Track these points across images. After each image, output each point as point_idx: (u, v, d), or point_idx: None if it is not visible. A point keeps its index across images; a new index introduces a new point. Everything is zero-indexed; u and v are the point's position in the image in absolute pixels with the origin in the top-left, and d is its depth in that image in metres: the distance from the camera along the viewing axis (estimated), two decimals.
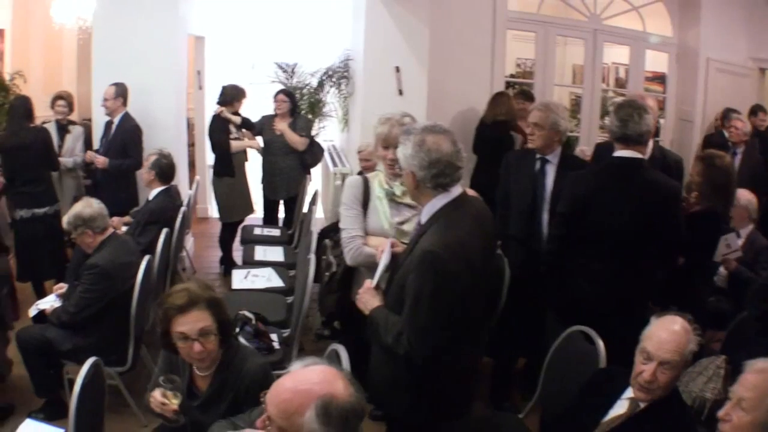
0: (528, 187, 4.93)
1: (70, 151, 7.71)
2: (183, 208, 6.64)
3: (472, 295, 3.16)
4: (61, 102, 7.75)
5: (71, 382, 4.78)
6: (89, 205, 4.91)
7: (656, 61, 10.13)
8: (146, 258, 5.06)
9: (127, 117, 7.17)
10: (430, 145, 3.02)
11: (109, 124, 7.27)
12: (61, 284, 5.39)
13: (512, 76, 9.99)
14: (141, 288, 4.93)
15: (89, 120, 7.89)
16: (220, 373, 3.14)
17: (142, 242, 5.77)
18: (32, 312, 5.24)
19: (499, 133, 7.74)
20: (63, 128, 7.71)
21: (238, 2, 10.56)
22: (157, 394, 3.03)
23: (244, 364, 3.15)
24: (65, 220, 5.00)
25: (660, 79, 10.40)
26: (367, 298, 3.35)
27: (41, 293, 6.74)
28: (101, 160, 7.02)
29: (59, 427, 3.66)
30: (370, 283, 3.39)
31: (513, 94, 8.68)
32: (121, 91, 7.05)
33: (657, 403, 2.96)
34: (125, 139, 7.09)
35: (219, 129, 7.74)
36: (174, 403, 3.00)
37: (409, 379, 3.19)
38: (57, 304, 5.11)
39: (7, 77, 10.04)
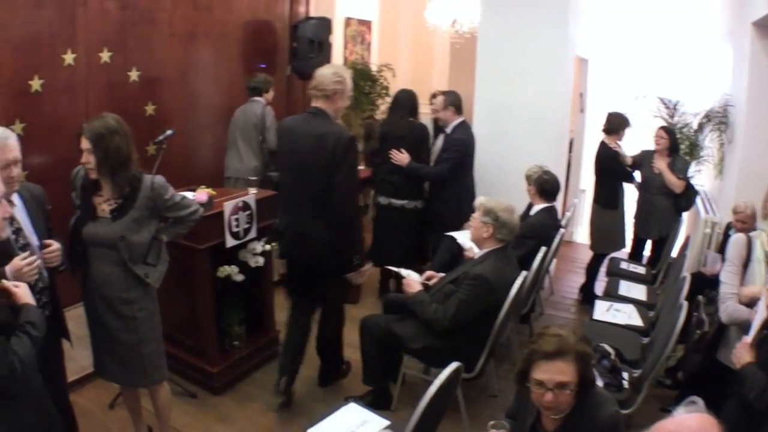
0: None
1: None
2: (561, 230, 7.13)
3: None
4: (433, 100, 8.49)
5: (404, 377, 5.54)
6: (510, 212, 5.43)
7: None
8: (523, 273, 5.48)
9: (457, 127, 7.82)
10: None
11: (442, 131, 8.08)
12: (432, 273, 6.05)
13: None
14: (512, 302, 5.32)
15: None
16: (570, 419, 3.27)
17: (517, 254, 6.06)
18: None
19: None
20: (439, 128, 8.36)
21: (624, 29, 10.93)
22: None
23: (596, 411, 3.27)
24: (481, 202, 5.52)
25: None
26: (742, 353, 3.64)
27: (385, 280, 7.92)
28: (401, 157, 7.64)
29: (383, 417, 4.15)
30: (747, 340, 3.69)
31: None
32: (450, 101, 7.69)
33: None
34: (449, 148, 7.76)
35: (610, 158, 8.13)
36: None
37: None
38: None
39: (373, 68, 11.15)
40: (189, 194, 5.89)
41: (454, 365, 3.92)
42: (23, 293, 3.37)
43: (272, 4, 10.13)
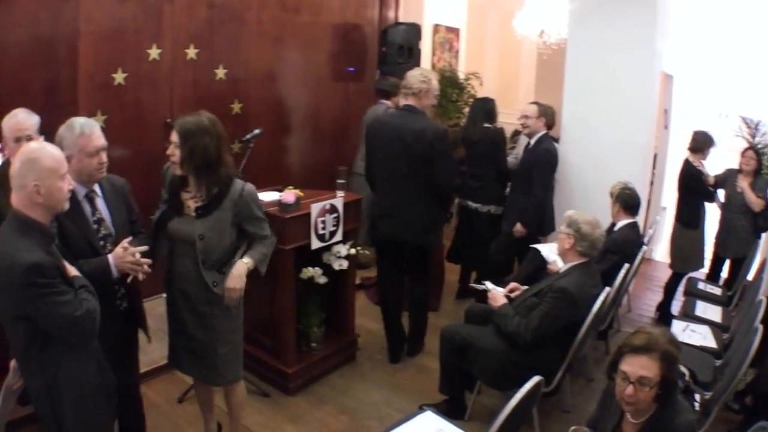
0: None
1: None
2: (644, 247, 7.08)
3: None
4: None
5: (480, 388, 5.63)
6: (593, 226, 5.43)
7: None
8: (606, 290, 5.49)
9: (544, 138, 7.68)
10: None
11: (527, 144, 7.86)
12: (516, 284, 6.07)
13: None
14: (593, 318, 5.33)
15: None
16: (650, 424, 3.36)
17: (600, 269, 6.01)
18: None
19: None
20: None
21: (709, 46, 10.77)
22: None
23: (674, 418, 3.34)
24: (567, 214, 5.56)
25: None
26: None
27: (465, 282, 8.07)
28: (518, 231, 7.60)
29: (458, 427, 4.10)
30: None
31: None
32: (543, 112, 7.65)
33: None
34: (538, 161, 7.58)
35: (694, 177, 8.07)
36: None
37: None
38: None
39: (461, 76, 11.16)
40: (276, 194, 6.08)
41: (535, 379, 3.96)
42: (72, 267, 3.56)
43: (361, 8, 10.23)
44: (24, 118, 4.77)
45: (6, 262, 3.16)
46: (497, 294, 5.71)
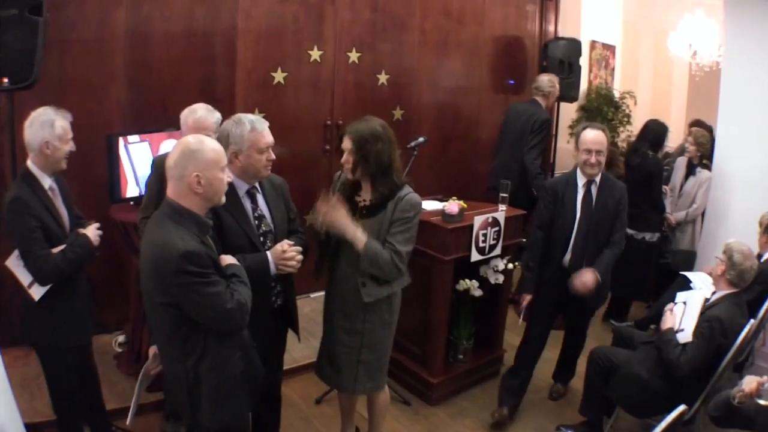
0: None
1: (687, 196, 8.03)
2: None
3: None
4: (689, 138, 8.16)
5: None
6: (746, 257, 5.30)
7: None
8: (750, 321, 5.32)
9: (607, 177, 5.85)
10: None
11: (589, 183, 5.84)
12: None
13: None
14: (737, 349, 5.17)
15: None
16: None
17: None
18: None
19: None
20: (691, 167, 8.04)
21: None
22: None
23: None
24: (727, 241, 5.46)
25: None
26: None
27: (622, 310, 7.92)
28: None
29: None
30: None
31: None
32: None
33: None
34: (622, 206, 5.85)
35: None
36: None
37: None
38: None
39: (616, 94, 10.95)
40: (437, 203, 6.19)
41: (680, 408, 3.91)
42: (227, 258, 3.68)
43: (523, 20, 10.24)
44: (204, 116, 4.77)
45: (160, 248, 3.25)
46: (669, 316, 5.45)
